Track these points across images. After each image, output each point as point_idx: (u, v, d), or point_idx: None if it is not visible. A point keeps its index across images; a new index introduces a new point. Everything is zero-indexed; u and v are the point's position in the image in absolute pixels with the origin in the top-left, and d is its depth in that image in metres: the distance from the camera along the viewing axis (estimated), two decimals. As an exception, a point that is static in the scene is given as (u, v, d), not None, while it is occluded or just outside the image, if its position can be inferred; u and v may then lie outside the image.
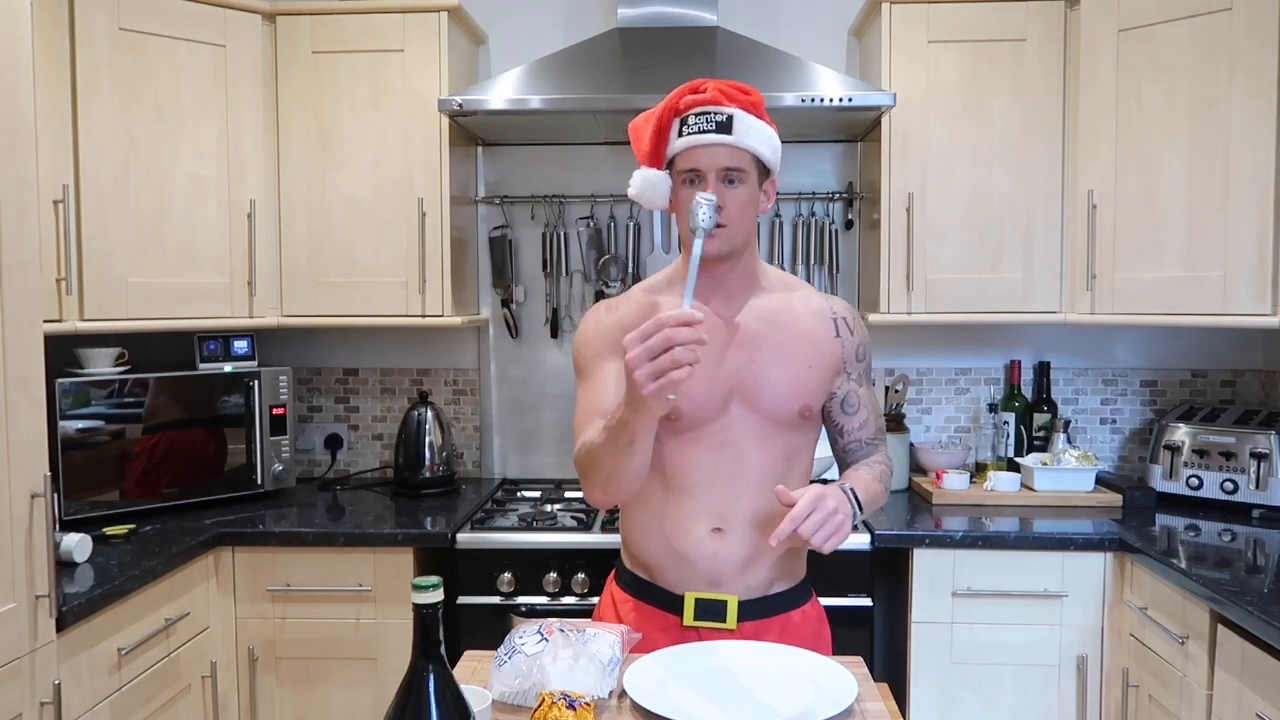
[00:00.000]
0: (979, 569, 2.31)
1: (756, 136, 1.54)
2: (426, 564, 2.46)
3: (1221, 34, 2.28)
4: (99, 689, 1.90)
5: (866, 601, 2.32)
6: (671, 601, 1.63)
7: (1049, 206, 2.57)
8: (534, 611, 2.33)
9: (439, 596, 1.01)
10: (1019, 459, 2.75)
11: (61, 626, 1.77)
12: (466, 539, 2.38)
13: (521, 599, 2.36)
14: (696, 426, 1.61)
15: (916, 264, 2.58)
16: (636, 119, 1.60)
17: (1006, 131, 2.57)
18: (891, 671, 2.54)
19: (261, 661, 2.39)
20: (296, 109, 2.64)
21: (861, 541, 2.31)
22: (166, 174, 2.47)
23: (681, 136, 1.54)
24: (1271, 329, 2.51)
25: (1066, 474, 2.62)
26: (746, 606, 1.62)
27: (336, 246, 2.66)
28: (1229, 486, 2.53)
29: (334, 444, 3.05)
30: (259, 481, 2.69)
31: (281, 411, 2.72)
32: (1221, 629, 1.86)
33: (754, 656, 1.46)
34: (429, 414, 2.83)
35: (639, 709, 1.29)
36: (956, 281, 2.59)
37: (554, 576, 2.35)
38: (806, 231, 2.91)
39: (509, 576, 2.36)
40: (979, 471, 2.78)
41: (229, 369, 2.65)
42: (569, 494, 2.82)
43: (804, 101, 2.41)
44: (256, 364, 2.72)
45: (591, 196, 2.94)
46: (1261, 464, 2.48)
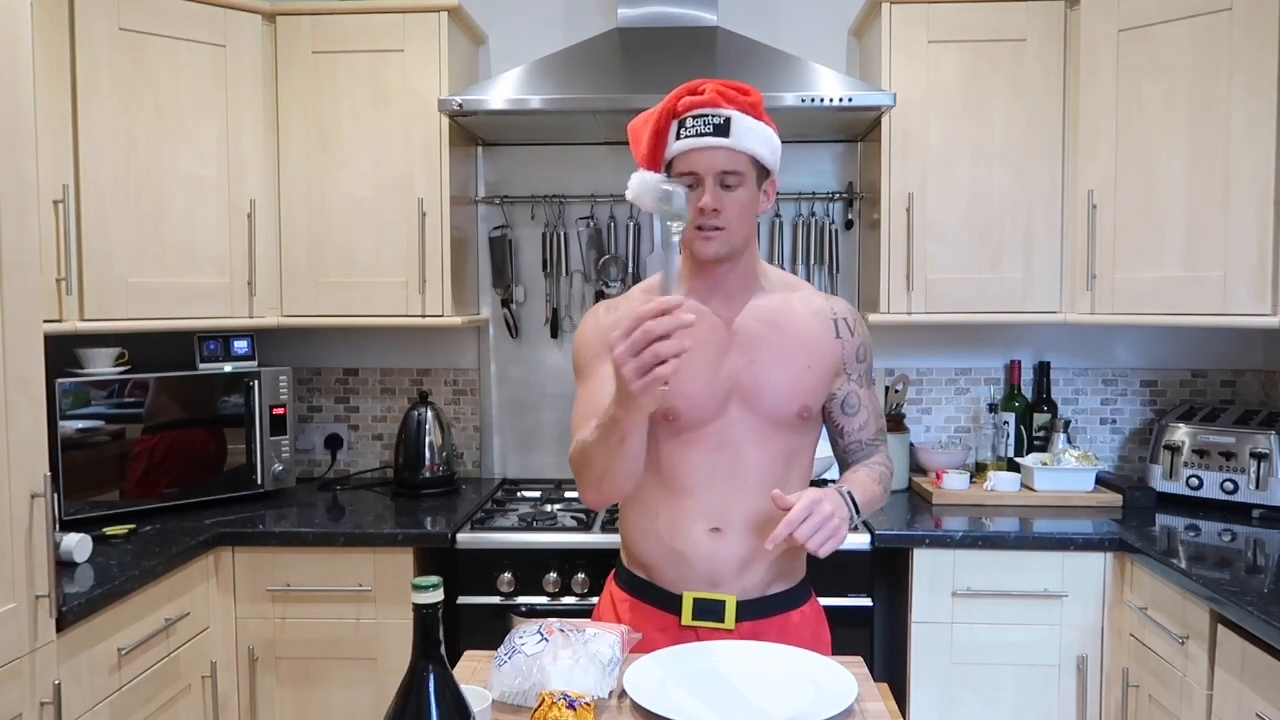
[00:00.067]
0: (979, 569, 2.31)
1: (754, 138, 1.53)
2: (426, 564, 2.46)
3: (1221, 34, 2.28)
4: (99, 689, 1.90)
5: (866, 601, 2.32)
6: (670, 601, 1.63)
7: (1049, 206, 2.57)
8: (534, 611, 2.33)
9: (439, 596, 1.01)
10: (1019, 459, 2.75)
11: (61, 626, 1.77)
12: (466, 539, 2.38)
13: (521, 599, 2.36)
14: (695, 427, 1.61)
15: (916, 264, 2.58)
16: (635, 120, 1.60)
17: (1006, 131, 2.57)
18: (891, 671, 2.54)
19: (261, 661, 2.39)
20: (296, 109, 2.64)
21: (861, 541, 2.32)
22: (166, 174, 2.47)
23: (679, 139, 1.54)
24: (1271, 329, 2.51)
25: (1066, 474, 2.62)
26: (745, 607, 1.62)
27: (336, 246, 2.66)
28: (1229, 486, 2.53)
29: (334, 444, 3.05)
30: (259, 481, 2.69)
31: (281, 411, 2.72)
32: (1221, 629, 1.86)
33: (754, 656, 1.46)
34: (429, 414, 2.83)
35: (639, 709, 1.29)
36: (956, 281, 2.59)
37: (554, 576, 2.35)
38: (806, 231, 2.91)
39: (509, 576, 2.36)
40: (979, 471, 2.78)
41: (229, 369, 2.65)
42: (569, 494, 2.82)
43: (804, 101, 2.41)
44: (256, 364, 2.72)
45: (591, 196, 2.94)
46: (1261, 464, 2.48)
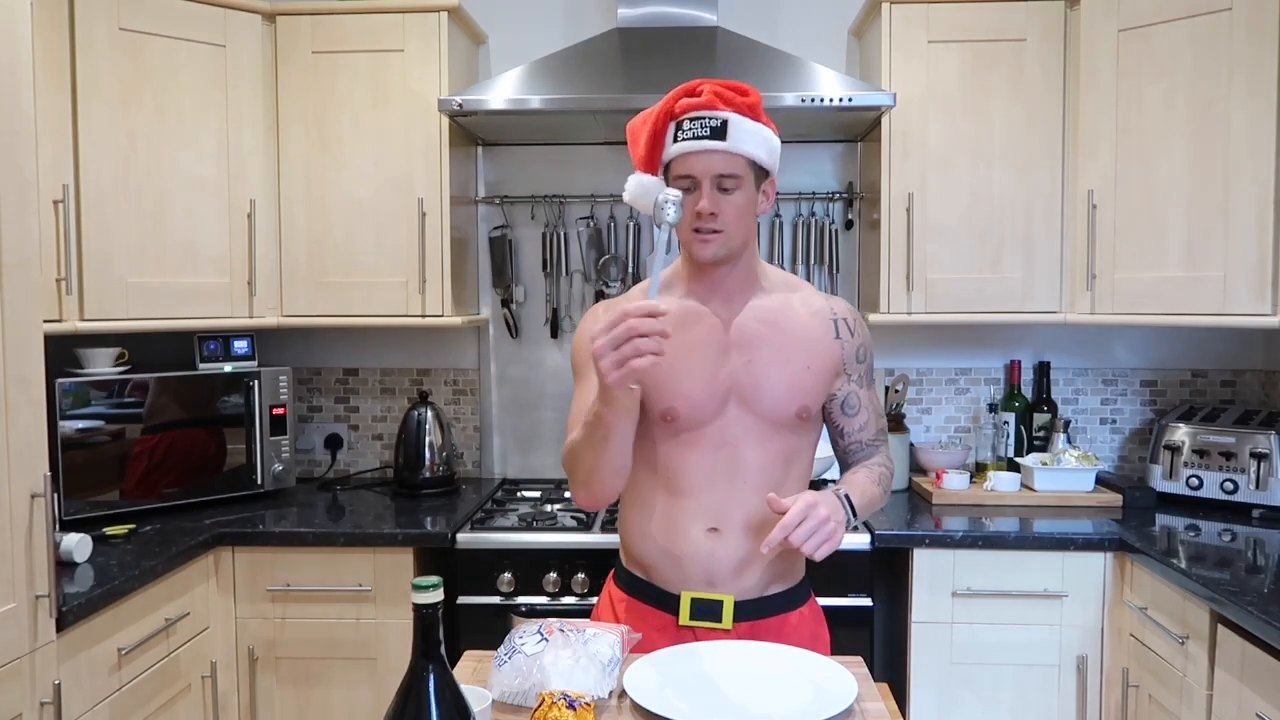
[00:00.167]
0: (979, 569, 2.31)
1: (752, 141, 1.53)
2: (426, 564, 2.46)
3: (1221, 34, 2.28)
4: (99, 689, 1.90)
5: (866, 601, 2.32)
6: (667, 601, 1.63)
7: (1049, 206, 2.57)
8: (534, 611, 2.33)
9: (439, 596, 1.01)
10: (1019, 459, 2.75)
11: (61, 626, 1.77)
12: (466, 539, 2.38)
13: (521, 599, 2.36)
14: (694, 427, 1.61)
15: (916, 264, 2.58)
16: (634, 120, 1.59)
17: (1006, 131, 2.57)
18: (891, 671, 2.54)
19: (261, 661, 2.39)
20: (296, 109, 2.64)
21: (861, 541, 2.32)
22: (166, 174, 2.47)
23: (676, 142, 1.53)
24: (1271, 329, 2.51)
25: (1066, 474, 2.62)
26: (743, 607, 1.62)
27: (336, 246, 2.66)
28: (1229, 486, 2.53)
29: (334, 444, 3.05)
30: (259, 481, 2.69)
31: (281, 411, 2.72)
32: (1221, 629, 1.86)
33: (754, 657, 1.46)
34: (429, 414, 2.83)
35: (639, 709, 1.29)
36: (956, 281, 2.59)
37: (554, 576, 2.35)
38: (806, 231, 2.91)
39: (509, 576, 2.36)
40: (979, 471, 2.78)
41: (229, 369, 2.65)
42: (569, 494, 2.81)
43: (804, 101, 2.41)
44: (256, 364, 2.72)
45: (591, 196, 2.94)
46: (1261, 464, 2.48)
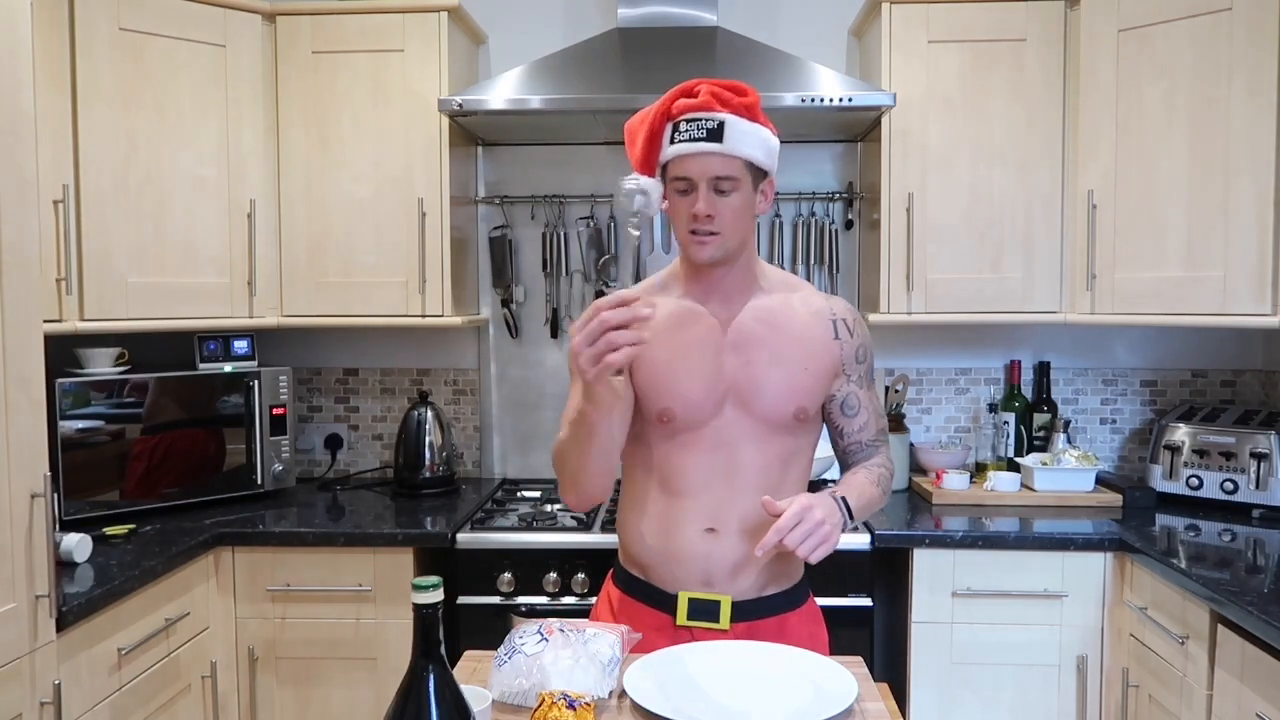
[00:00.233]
0: (979, 569, 2.31)
1: (749, 142, 1.52)
2: (426, 564, 2.46)
3: (1221, 34, 2.28)
4: (99, 689, 1.90)
5: (866, 601, 2.32)
6: (665, 601, 1.63)
7: (1049, 206, 2.57)
8: (534, 611, 2.33)
9: (439, 596, 1.01)
10: (1019, 459, 2.75)
11: (61, 626, 1.77)
12: (466, 539, 2.38)
13: (521, 599, 2.36)
14: (691, 429, 1.60)
15: (916, 264, 2.58)
16: (632, 120, 1.59)
17: (1006, 131, 2.57)
18: (891, 671, 2.54)
19: (261, 661, 2.39)
20: (296, 109, 2.64)
21: (861, 541, 2.32)
22: (166, 174, 2.47)
23: (673, 144, 1.53)
24: (1271, 329, 2.51)
25: (1066, 474, 2.62)
26: (740, 607, 1.61)
27: (336, 246, 2.66)
28: (1229, 486, 2.53)
29: (334, 444, 3.05)
30: (259, 481, 2.69)
31: (281, 411, 2.72)
32: (1221, 629, 1.86)
33: (754, 657, 1.46)
34: (429, 414, 2.83)
35: (639, 709, 1.29)
36: (956, 281, 2.59)
37: (554, 576, 2.35)
38: (806, 231, 2.91)
39: (509, 576, 2.36)
40: (979, 471, 2.78)
41: (229, 369, 2.65)
42: (569, 494, 2.82)
43: (804, 101, 2.41)
44: (256, 364, 2.72)
45: (591, 196, 2.94)
46: (1261, 464, 2.48)
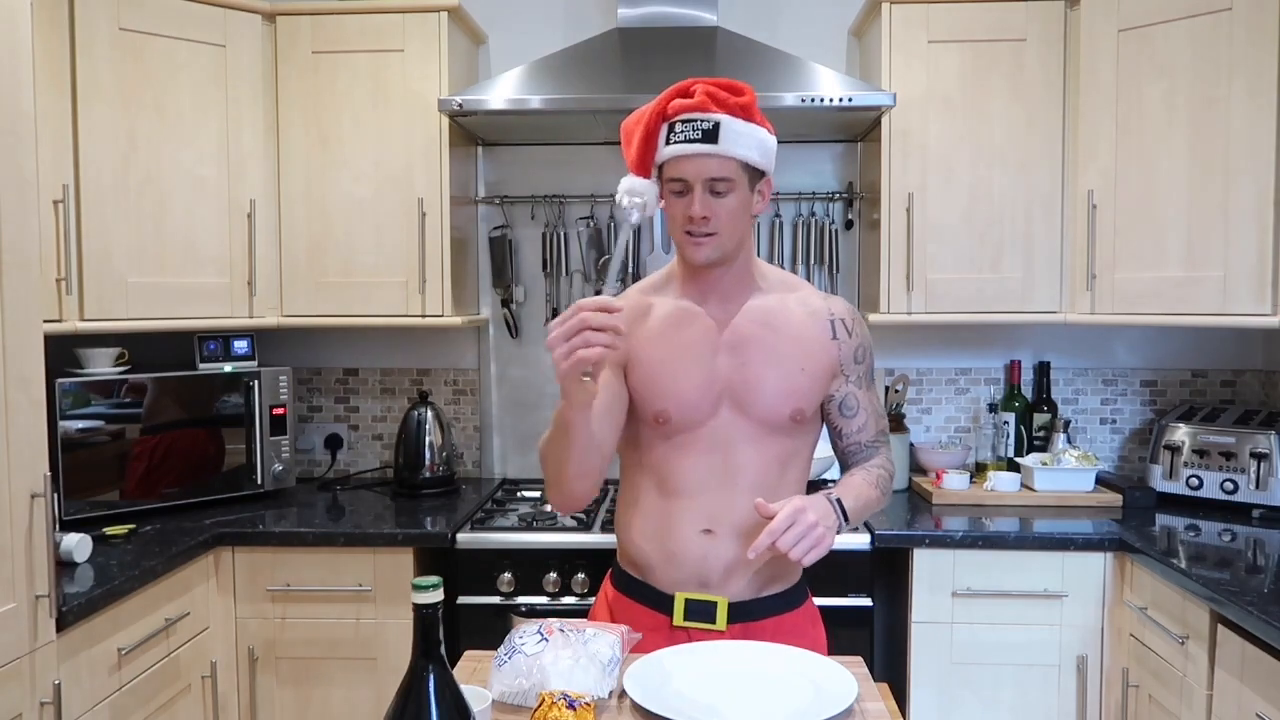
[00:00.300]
0: (979, 569, 2.31)
1: (744, 143, 1.51)
2: (426, 564, 2.46)
3: (1221, 34, 2.28)
4: (99, 689, 1.90)
5: (866, 601, 2.32)
6: (662, 601, 1.63)
7: (1049, 206, 2.57)
8: (534, 611, 2.33)
9: (439, 596, 1.01)
10: (1019, 459, 2.75)
11: (61, 626, 1.77)
12: (466, 539, 2.38)
13: (521, 599, 2.36)
14: (687, 430, 1.60)
15: (916, 264, 2.58)
16: (628, 120, 1.57)
17: (1006, 131, 2.57)
18: (891, 671, 2.54)
19: (261, 661, 2.39)
20: (296, 109, 2.64)
21: (861, 541, 2.31)
22: (166, 174, 2.47)
23: (668, 144, 1.52)
24: (1271, 329, 2.51)
25: (1066, 474, 2.62)
26: (737, 608, 1.61)
27: (336, 246, 2.66)
28: (1229, 486, 2.53)
29: (334, 444, 3.05)
30: (259, 481, 2.69)
31: (281, 411, 2.72)
32: (1221, 629, 1.86)
33: (754, 656, 1.46)
34: (429, 414, 2.83)
35: (639, 709, 1.29)
36: (956, 281, 2.59)
37: (554, 576, 2.35)
38: (806, 231, 2.91)
39: (509, 576, 2.36)
40: (979, 471, 2.78)
41: (229, 369, 2.65)
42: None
43: (804, 101, 2.41)
44: (256, 364, 2.72)
45: (591, 196, 2.94)
46: (1261, 464, 2.48)
